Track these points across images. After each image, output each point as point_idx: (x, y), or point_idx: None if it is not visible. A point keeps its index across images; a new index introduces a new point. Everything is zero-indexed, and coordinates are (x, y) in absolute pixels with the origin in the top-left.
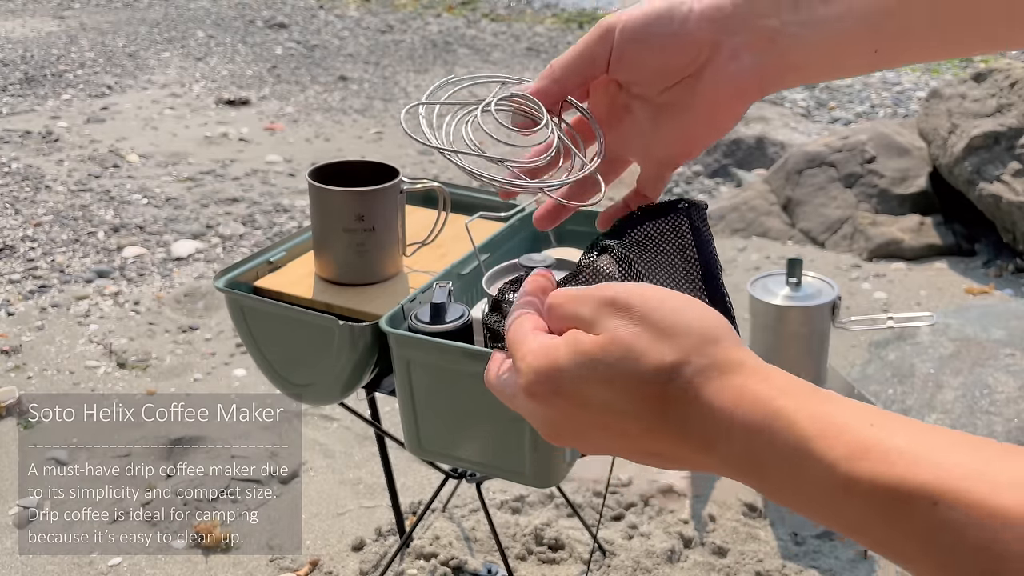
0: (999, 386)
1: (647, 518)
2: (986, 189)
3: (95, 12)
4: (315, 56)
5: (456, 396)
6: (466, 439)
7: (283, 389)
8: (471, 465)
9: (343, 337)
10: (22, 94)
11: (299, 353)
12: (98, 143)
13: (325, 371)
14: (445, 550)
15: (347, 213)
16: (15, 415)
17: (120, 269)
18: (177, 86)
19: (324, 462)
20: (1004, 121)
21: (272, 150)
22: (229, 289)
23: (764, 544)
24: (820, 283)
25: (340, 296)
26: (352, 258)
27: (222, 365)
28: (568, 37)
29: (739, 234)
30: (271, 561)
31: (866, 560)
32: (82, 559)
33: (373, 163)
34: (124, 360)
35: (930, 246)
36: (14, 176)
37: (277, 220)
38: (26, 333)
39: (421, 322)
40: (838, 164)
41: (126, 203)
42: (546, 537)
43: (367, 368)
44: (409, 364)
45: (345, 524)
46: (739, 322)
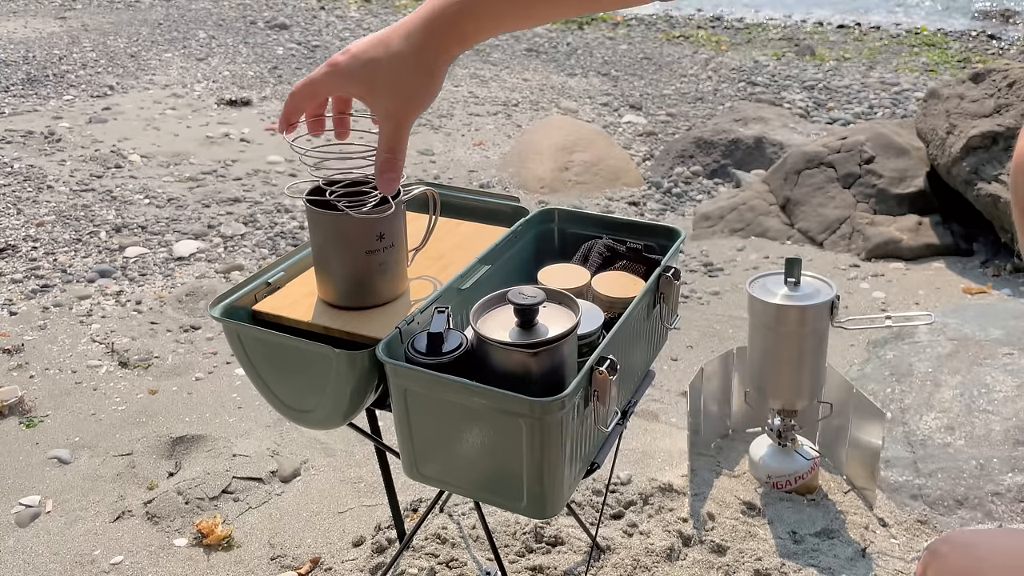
0: (997, 385)
1: (646, 516)
2: (984, 189)
3: (97, 13)
4: (316, 57)
5: (453, 427)
6: (463, 468)
7: (285, 415)
8: (468, 493)
9: (341, 365)
10: (24, 94)
11: (298, 380)
12: (100, 143)
13: (325, 398)
14: (445, 550)
15: (369, 234)
16: (17, 414)
17: (122, 269)
18: (179, 86)
19: (325, 461)
20: (1002, 121)
21: (273, 150)
22: (224, 318)
23: (763, 542)
24: (819, 283)
25: (339, 318)
26: (372, 278)
27: (224, 364)
28: (568, 38)
29: (738, 234)
30: (272, 559)
31: (864, 558)
32: (84, 557)
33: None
34: (126, 359)
35: (928, 246)
36: (16, 176)
37: (278, 220)
38: (28, 332)
39: (418, 352)
40: (836, 164)
41: (128, 203)
42: (546, 535)
43: (368, 392)
44: (406, 392)
45: (346, 522)
46: (738, 321)
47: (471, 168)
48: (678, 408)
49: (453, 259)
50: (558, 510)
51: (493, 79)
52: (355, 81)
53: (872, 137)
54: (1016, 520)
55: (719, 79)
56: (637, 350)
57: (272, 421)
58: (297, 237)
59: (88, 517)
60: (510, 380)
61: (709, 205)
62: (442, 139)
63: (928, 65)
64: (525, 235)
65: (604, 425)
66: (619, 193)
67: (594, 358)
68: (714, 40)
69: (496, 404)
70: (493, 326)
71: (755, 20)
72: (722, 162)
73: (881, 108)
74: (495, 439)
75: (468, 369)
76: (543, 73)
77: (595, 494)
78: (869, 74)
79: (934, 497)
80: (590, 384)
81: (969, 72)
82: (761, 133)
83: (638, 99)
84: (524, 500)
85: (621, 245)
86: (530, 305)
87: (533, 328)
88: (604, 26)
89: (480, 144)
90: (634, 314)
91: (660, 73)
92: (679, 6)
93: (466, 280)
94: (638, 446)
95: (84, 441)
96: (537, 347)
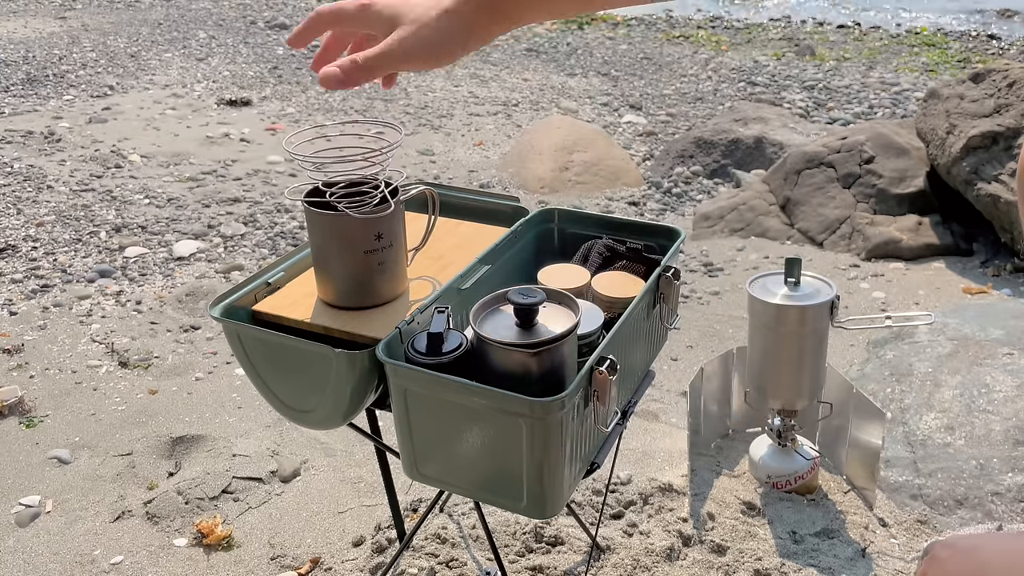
0: (997, 385)
1: (646, 516)
2: (984, 189)
3: (97, 13)
4: None
5: (453, 427)
6: (463, 468)
7: (285, 415)
8: (468, 492)
9: (340, 365)
10: (24, 94)
11: (298, 380)
12: (100, 143)
13: (325, 398)
14: (445, 550)
15: (367, 234)
16: (17, 414)
17: (122, 269)
18: (179, 86)
19: (325, 460)
20: (1002, 121)
21: (273, 150)
22: (224, 318)
23: (763, 542)
24: (818, 283)
25: (339, 319)
26: (372, 278)
27: (224, 364)
28: (568, 38)
29: (738, 234)
30: (272, 559)
31: (864, 558)
32: (84, 557)
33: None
34: (126, 359)
35: (928, 246)
36: (16, 176)
37: (278, 220)
38: (28, 332)
39: (418, 352)
40: (836, 164)
41: (128, 203)
42: (546, 535)
43: (368, 392)
44: (406, 393)
45: (346, 522)
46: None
47: (471, 168)
48: (678, 408)
49: (453, 259)
50: (558, 510)
51: (493, 79)
52: (381, 20)
53: (872, 137)
54: (1016, 520)
55: (719, 79)
56: (637, 350)
57: (272, 421)
58: (297, 237)
59: (88, 517)
60: (510, 380)
61: (709, 205)
62: (442, 139)
63: (928, 65)
64: (525, 235)
65: (604, 425)
66: (619, 193)
67: (594, 358)
68: (714, 40)
69: (496, 404)
70: (493, 326)
71: (755, 20)
72: (722, 162)
73: (881, 108)
74: (495, 439)
75: (468, 369)
76: (543, 73)
77: (595, 494)
78: (869, 74)
79: (934, 497)
80: (590, 384)
81: (969, 72)
82: (761, 133)
83: (638, 99)
84: (524, 500)
85: (621, 245)
86: (530, 305)
87: (533, 328)
88: (604, 26)
89: (480, 144)
90: (634, 314)
91: (660, 73)
92: (680, 6)
93: (466, 280)
94: (638, 446)
95: (84, 441)
96: (537, 347)
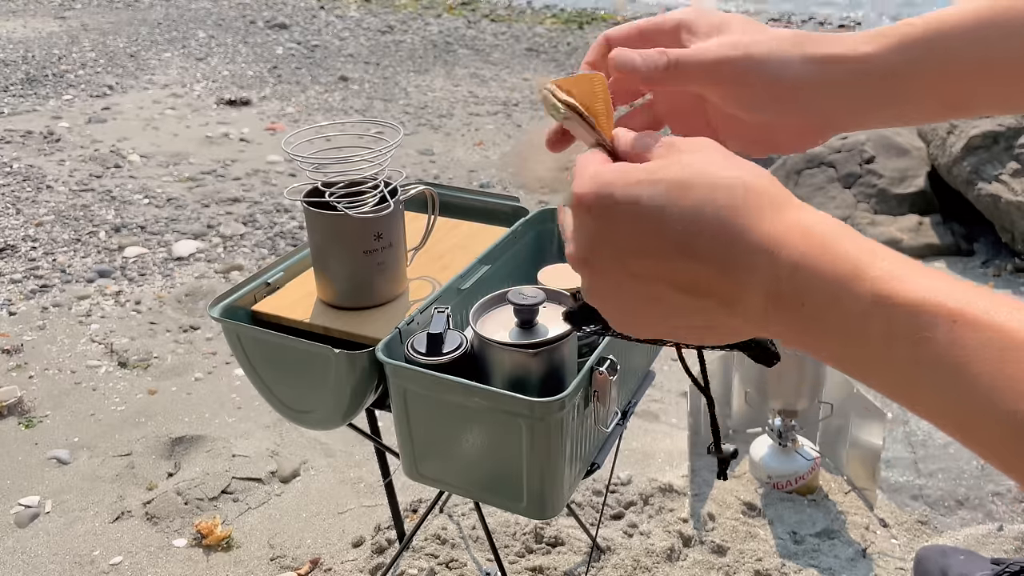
0: None
1: (647, 517)
2: (985, 189)
3: (96, 12)
4: (316, 56)
5: (453, 427)
6: (462, 468)
7: (284, 415)
8: (468, 493)
9: (340, 365)
10: (23, 94)
11: (298, 380)
12: (99, 143)
13: (325, 398)
14: (445, 551)
15: (367, 234)
16: (16, 414)
17: (121, 269)
18: (178, 86)
19: (325, 461)
20: (1002, 121)
21: (273, 150)
22: (224, 319)
23: (763, 543)
24: None
25: (339, 319)
26: (371, 278)
27: (223, 364)
28: (568, 38)
29: None
30: (272, 560)
31: (865, 559)
32: (83, 557)
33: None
34: (125, 359)
35: (929, 246)
36: (16, 176)
37: (278, 220)
38: (27, 333)
39: (418, 352)
40: (837, 164)
41: (127, 203)
42: (546, 535)
43: (368, 393)
44: (406, 393)
45: (346, 523)
46: None
47: (471, 168)
48: (678, 408)
49: (453, 259)
50: (558, 511)
51: (493, 79)
52: None
53: (872, 137)
54: (1017, 520)
55: None
56: (637, 350)
57: (272, 421)
58: (297, 237)
59: (87, 517)
60: (510, 380)
61: None
62: (442, 139)
63: None
64: (525, 235)
65: (604, 425)
66: None
67: (594, 358)
68: None
69: (496, 404)
70: (493, 326)
71: (755, 19)
72: None
73: None
74: (495, 439)
75: (468, 369)
76: (543, 73)
77: (595, 494)
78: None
79: (935, 497)
80: (590, 384)
81: None
82: None
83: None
84: (524, 500)
85: None
86: (530, 305)
87: (533, 328)
88: (605, 26)
89: (480, 144)
90: None
91: None
92: (680, 4)
93: (466, 280)
94: (638, 446)
95: (83, 441)
96: (537, 347)
